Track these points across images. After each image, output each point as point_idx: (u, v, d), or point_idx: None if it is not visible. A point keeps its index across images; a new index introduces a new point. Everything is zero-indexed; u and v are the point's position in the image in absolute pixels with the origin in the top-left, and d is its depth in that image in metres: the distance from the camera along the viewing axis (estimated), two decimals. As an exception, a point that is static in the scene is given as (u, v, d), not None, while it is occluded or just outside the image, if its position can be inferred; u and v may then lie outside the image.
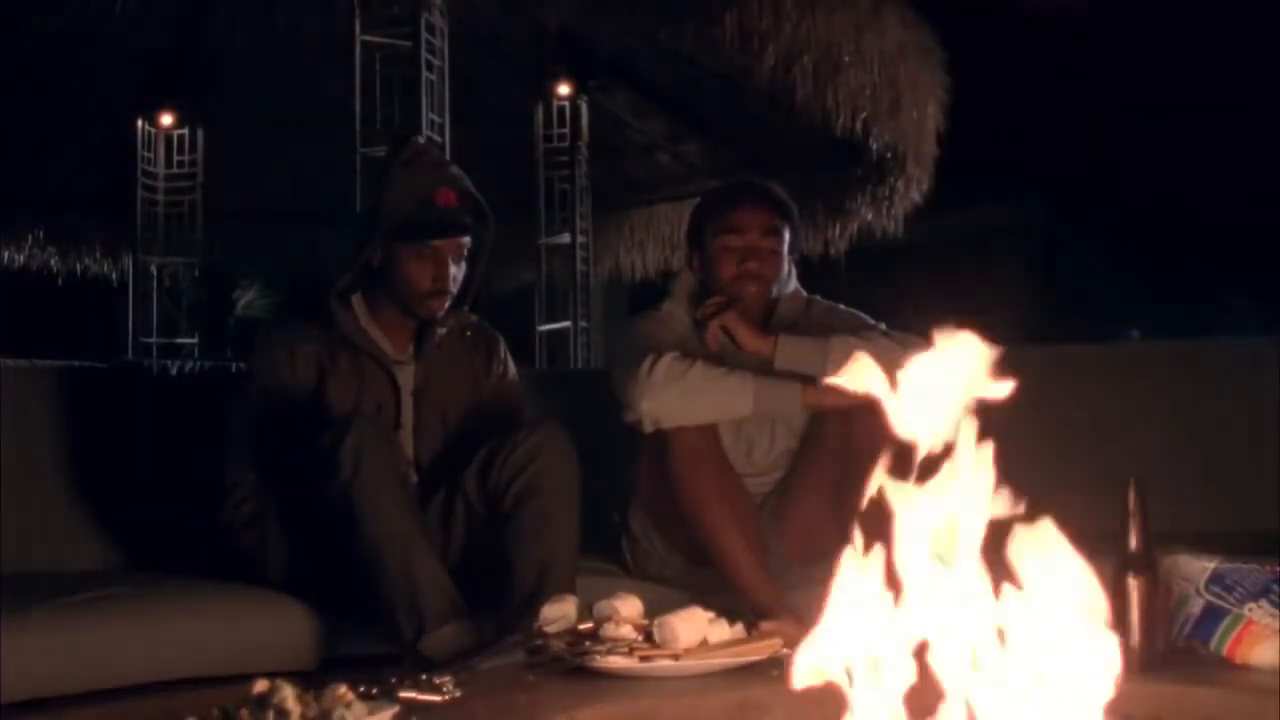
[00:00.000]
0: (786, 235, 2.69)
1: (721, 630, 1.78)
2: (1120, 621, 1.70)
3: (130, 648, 2.08)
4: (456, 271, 2.51)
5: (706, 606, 1.82)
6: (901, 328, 2.62)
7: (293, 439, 2.38)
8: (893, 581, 1.21)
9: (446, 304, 2.51)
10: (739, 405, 2.49)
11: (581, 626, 1.83)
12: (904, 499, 1.20)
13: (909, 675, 1.17)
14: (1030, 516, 1.18)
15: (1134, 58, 7.67)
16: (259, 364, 2.51)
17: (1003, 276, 9.62)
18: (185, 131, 6.45)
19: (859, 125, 5.45)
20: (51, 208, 6.65)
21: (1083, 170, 8.48)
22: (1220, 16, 7.19)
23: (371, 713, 1.41)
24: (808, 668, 1.18)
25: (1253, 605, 1.76)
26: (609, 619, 1.81)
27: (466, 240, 2.52)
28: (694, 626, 1.76)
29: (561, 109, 6.46)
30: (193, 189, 6.44)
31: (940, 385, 1.20)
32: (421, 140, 3.32)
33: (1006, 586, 1.18)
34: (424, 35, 4.89)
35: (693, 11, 5.09)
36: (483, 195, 2.54)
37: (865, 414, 2.45)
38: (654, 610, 1.82)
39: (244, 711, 1.31)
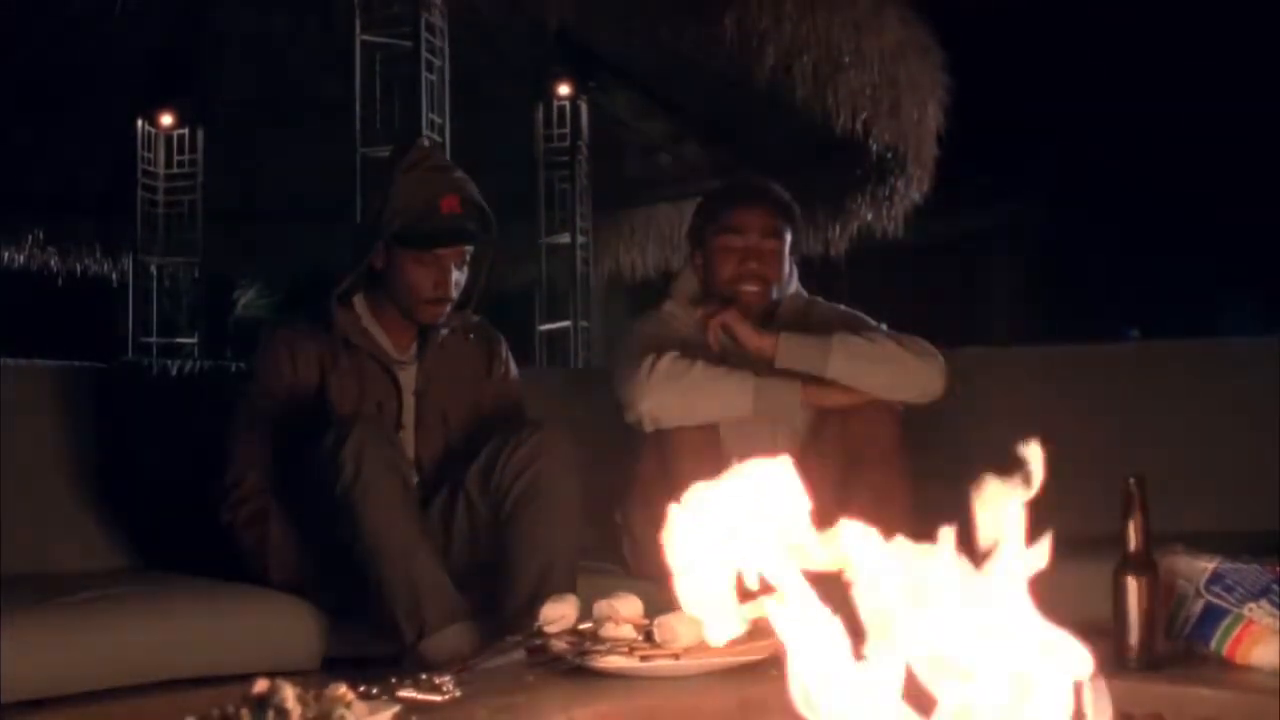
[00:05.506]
0: (788, 236, 2.68)
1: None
2: (1120, 621, 1.70)
3: (130, 648, 2.08)
4: (459, 276, 2.51)
5: (706, 606, 1.82)
6: (901, 328, 2.63)
7: (294, 439, 2.38)
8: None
9: (446, 311, 2.51)
10: (739, 405, 2.49)
11: (581, 626, 1.83)
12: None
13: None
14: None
15: (1134, 57, 7.67)
16: (260, 363, 2.51)
17: (1002, 277, 9.62)
18: (185, 131, 6.45)
19: (859, 125, 5.46)
20: (51, 208, 6.65)
21: (1082, 170, 8.48)
22: (1220, 16, 7.19)
23: (371, 713, 1.41)
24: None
25: (1253, 605, 1.76)
26: (609, 619, 1.81)
27: (469, 247, 2.51)
28: (694, 626, 1.76)
29: (561, 109, 6.46)
30: (193, 189, 6.44)
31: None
32: (425, 143, 3.32)
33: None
34: (424, 35, 4.89)
35: (693, 11, 5.09)
36: (483, 195, 2.54)
37: (866, 413, 2.49)
38: (654, 610, 1.82)
39: (244, 711, 1.30)
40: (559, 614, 1.87)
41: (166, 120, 6.41)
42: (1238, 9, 6.99)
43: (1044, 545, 1.15)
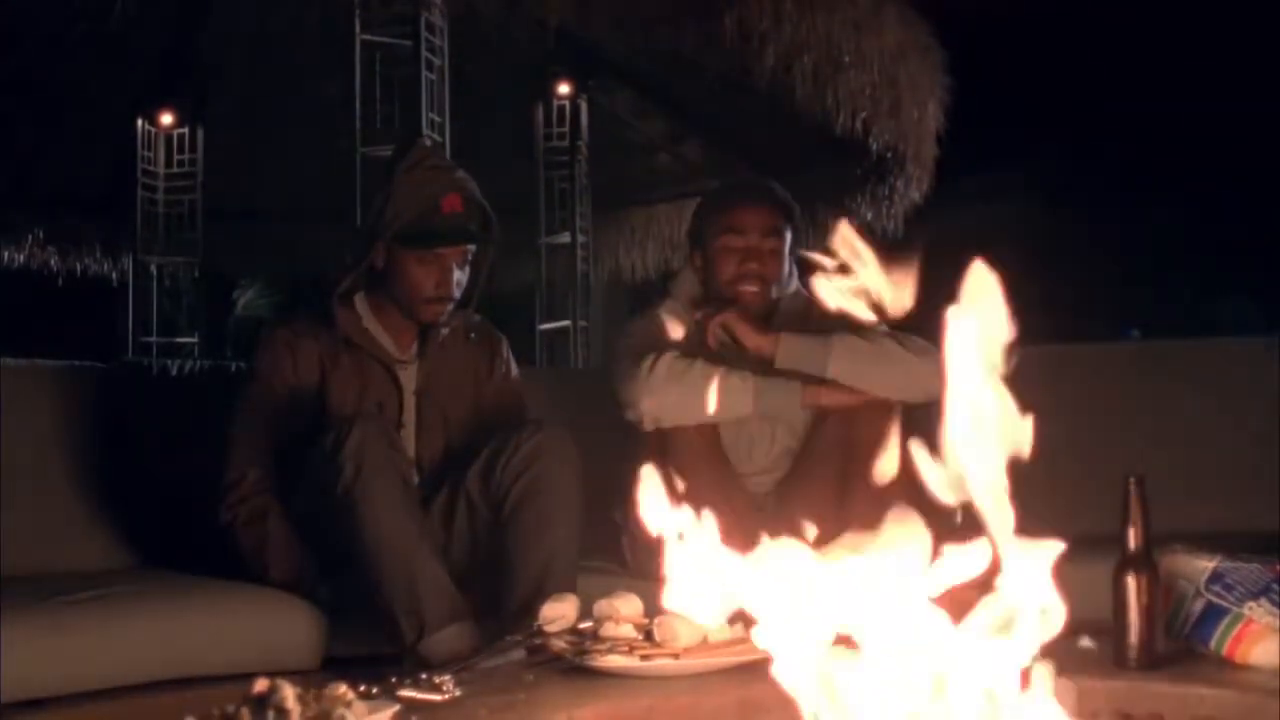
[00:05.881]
0: (788, 235, 2.68)
1: (721, 630, 1.78)
2: (1120, 621, 1.71)
3: (130, 648, 2.08)
4: (460, 276, 2.51)
5: (706, 606, 1.82)
6: (902, 328, 2.62)
7: (294, 439, 2.38)
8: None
9: (448, 310, 2.51)
10: (739, 404, 2.49)
11: (581, 626, 1.83)
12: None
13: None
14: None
15: (1134, 57, 7.67)
16: (261, 362, 2.51)
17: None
18: (185, 131, 6.44)
19: (859, 125, 5.45)
20: (51, 208, 6.64)
21: (1082, 169, 8.48)
22: (1221, 16, 7.19)
23: (371, 712, 1.41)
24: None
25: (1253, 604, 1.76)
26: (609, 618, 1.81)
27: (470, 247, 2.51)
28: (694, 626, 1.76)
29: (561, 109, 6.46)
30: (193, 189, 6.43)
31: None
32: (426, 143, 3.32)
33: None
34: (424, 35, 4.89)
35: (693, 11, 5.08)
36: (483, 195, 2.54)
37: (865, 413, 2.48)
38: (654, 610, 1.82)
39: (244, 711, 1.30)
40: (559, 614, 1.87)
41: (166, 120, 6.40)
42: (1238, 9, 6.99)
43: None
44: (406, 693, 1.53)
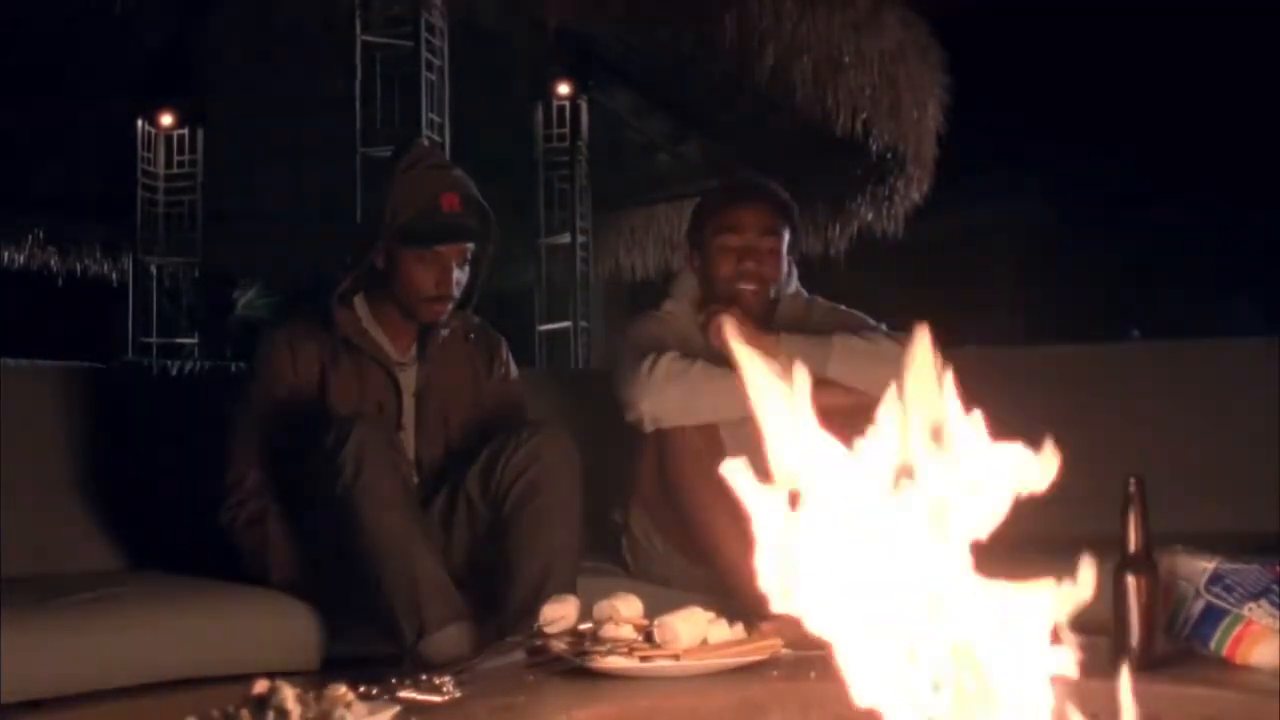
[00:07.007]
0: (786, 235, 2.68)
1: (721, 630, 1.78)
2: (1120, 621, 1.71)
3: (130, 648, 2.08)
4: (460, 275, 2.51)
5: (706, 606, 1.82)
6: (902, 329, 2.62)
7: (294, 439, 2.38)
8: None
9: (449, 309, 2.51)
10: (739, 405, 2.49)
11: (581, 626, 1.83)
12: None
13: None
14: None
15: (1133, 56, 7.68)
16: (261, 363, 2.51)
17: (1003, 276, 9.62)
18: (185, 131, 6.45)
19: (859, 125, 5.45)
20: (51, 208, 6.65)
21: (1082, 169, 8.48)
22: (1221, 15, 7.20)
23: (371, 713, 1.41)
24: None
25: (1253, 605, 1.76)
26: (609, 619, 1.81)
27: (470, 245, 2.52)
28: (694, 626, 1.76)
29: (561, 109, 6.46)
30: (193, 189, 6.44)
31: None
32: (425, 143, 3.32)
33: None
34: (424, 35, 4.90)
35: (693, 11, 5.09)
36: (483, 196, 2.54)
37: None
38: (654, 610, 1.82)
39: (244, 711, 1.30)
40: (559, 614, 1.87)
41: (166, 120, 6.41)
42: (1237, 9, 6.99)
43: None
44: (406, 693, 1.53)
